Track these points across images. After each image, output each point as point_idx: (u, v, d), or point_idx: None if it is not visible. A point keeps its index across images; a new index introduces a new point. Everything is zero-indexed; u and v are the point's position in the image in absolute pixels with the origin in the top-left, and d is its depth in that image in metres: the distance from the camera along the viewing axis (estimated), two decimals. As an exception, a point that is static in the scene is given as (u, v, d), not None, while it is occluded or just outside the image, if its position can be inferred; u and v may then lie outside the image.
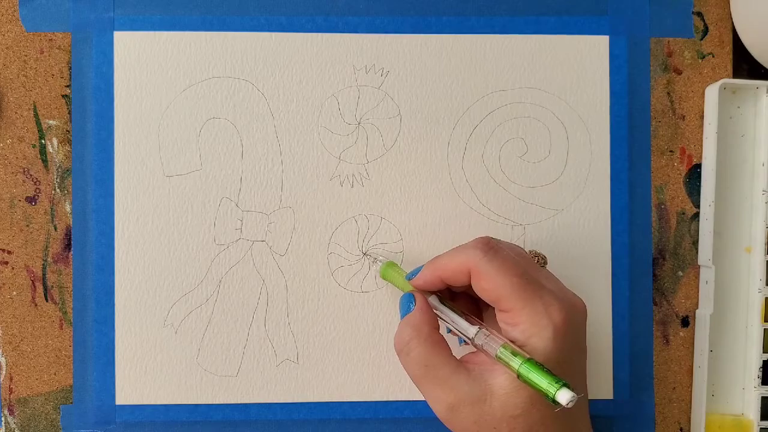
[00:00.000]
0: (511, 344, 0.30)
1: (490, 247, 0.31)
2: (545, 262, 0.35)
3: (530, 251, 0.35)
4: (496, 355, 0.30)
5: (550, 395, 0.27)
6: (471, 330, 0.31)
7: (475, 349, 0.32)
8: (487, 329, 0.31)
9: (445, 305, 0.33)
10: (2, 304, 0.38)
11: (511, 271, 0.30)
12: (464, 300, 0.35)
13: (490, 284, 0.31)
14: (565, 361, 0.30)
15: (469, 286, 0.32)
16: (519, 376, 0.29)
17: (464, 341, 0.33)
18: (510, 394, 0.30)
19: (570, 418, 0.31)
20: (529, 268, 0.32)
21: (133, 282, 0.38)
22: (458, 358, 0.32)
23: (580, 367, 0.33)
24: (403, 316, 0.34)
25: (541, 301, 0.30)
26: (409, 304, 0.34)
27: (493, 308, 0.32)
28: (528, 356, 0.29)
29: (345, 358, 0.38)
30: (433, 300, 0.34)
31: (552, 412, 0.30)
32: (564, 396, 0.27)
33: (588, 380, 0.34)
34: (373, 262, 0.38)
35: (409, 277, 0.34)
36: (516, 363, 0.29)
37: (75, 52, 0.38)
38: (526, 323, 0.30)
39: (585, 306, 0.33)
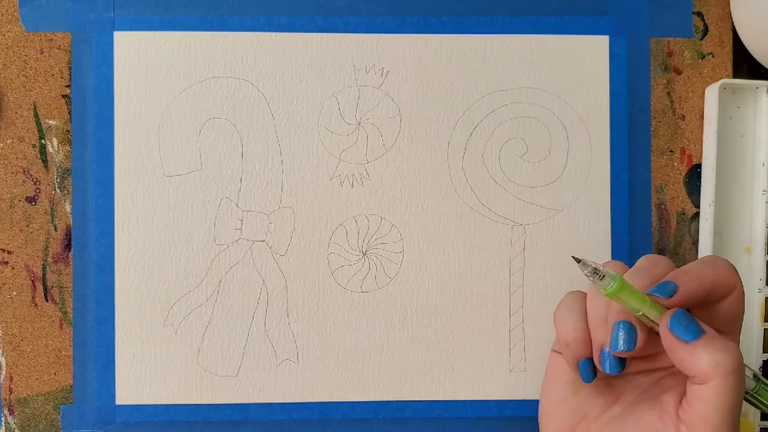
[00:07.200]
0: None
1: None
2: None
3: None
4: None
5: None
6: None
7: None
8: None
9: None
10: (2, 304, 0.38)
11: None
12: None
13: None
14: None
15: None
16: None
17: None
18: None
19: None
20: None
21: (133, 282, 0.38)
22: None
23: None
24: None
25: None
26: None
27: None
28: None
29: (345, 358, 0.38)
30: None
31: None
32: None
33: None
34: (593, 274, 0.29)
35: (666, 294, 0.29)
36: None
37: (75, 52, 0.38)
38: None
39: None
